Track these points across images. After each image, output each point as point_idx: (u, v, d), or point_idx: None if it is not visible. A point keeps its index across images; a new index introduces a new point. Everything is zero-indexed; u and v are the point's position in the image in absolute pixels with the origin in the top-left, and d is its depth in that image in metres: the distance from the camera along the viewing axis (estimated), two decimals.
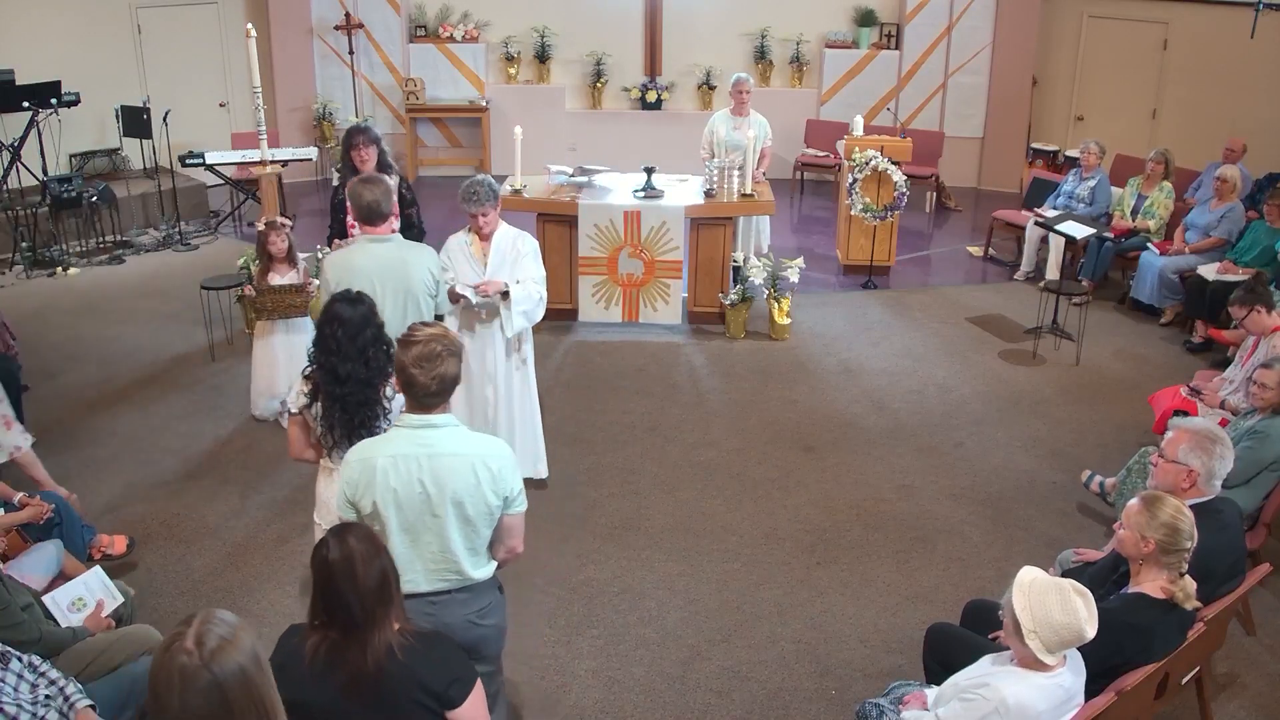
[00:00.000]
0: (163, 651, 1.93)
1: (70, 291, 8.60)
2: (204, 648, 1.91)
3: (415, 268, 4.59)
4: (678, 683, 4.34)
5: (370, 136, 5.88)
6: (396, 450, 3.03)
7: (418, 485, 3.01)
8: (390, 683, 2.45)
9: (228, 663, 1.92)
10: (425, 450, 3.02)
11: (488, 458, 3.07)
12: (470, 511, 3.05)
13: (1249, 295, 5.67)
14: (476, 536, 3.12)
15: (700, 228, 7.78)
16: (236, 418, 6.50)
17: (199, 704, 1.89)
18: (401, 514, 3.03)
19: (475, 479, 3.03)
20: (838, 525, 5.49)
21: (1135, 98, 11.07)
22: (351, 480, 3.06)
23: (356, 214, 4.64)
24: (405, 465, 3.00)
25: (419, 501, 3.02)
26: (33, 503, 4.55)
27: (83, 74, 9.77)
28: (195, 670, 1.89)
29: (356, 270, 4.47)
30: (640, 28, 11.81)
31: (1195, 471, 3.79)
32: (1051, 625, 2.93)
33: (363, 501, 3.04)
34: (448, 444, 3.04)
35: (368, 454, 3.06)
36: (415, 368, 2.96)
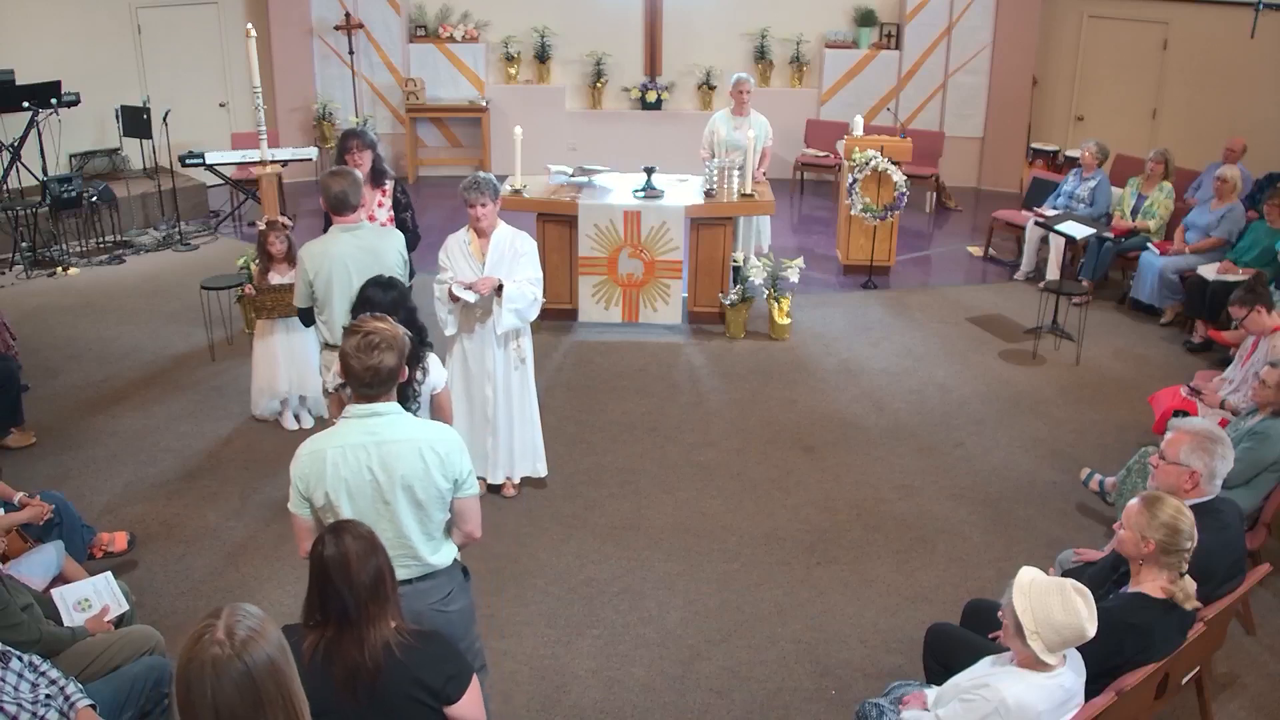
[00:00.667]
0: (193, 644, 1.95)
1: (70, 291, 8.60)
2: (235, 639, 1.95)
3: (386, 252, 4.76)
4: (678, 683, 4.34)
5: (365, 141, 5.81)
6: (345, 440, 3.05)
7: (367, 473, 3.04)
8: (388, 679, 2.47)
9: (258, 653, 1.96)
10: (373, 438, 3.05)
11: (434, 442, 3.10)
12: (420, 495, 3.08)
13: (1249, 295, 5.67)
14: (429, 521, 3.15)
15: (700, 228, 7.79)
16: (236, 418, 6.50)
17: (231, 694, 1.93)
18: (354, 503, 3.04)
19: (423, 463, 3.06)
20: (838, 525, 5.49)
21: (1135, 98, 11.07)
22: (303, 474, 3.08)
23: (327, 205, 4.78)
24: (354, 454, 3.03)
25: (370, 489, 3.05)
26: (33, 503, 4.55)
27: (83, 74, 9.77)
28: (227, 661, 1.93)
29: (332, 258, 4.65)
30: (640, 28, 11.81)
31: (1197, 473, 3.78)
32: (1053, 625, 2.93)
33: (315, 494, 3.06)
34: (394, 430, 3.07)
35: (317, 446, 3.08)
36: (352, 357, 3.01)
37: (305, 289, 4.74)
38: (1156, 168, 8.54)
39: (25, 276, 8.86)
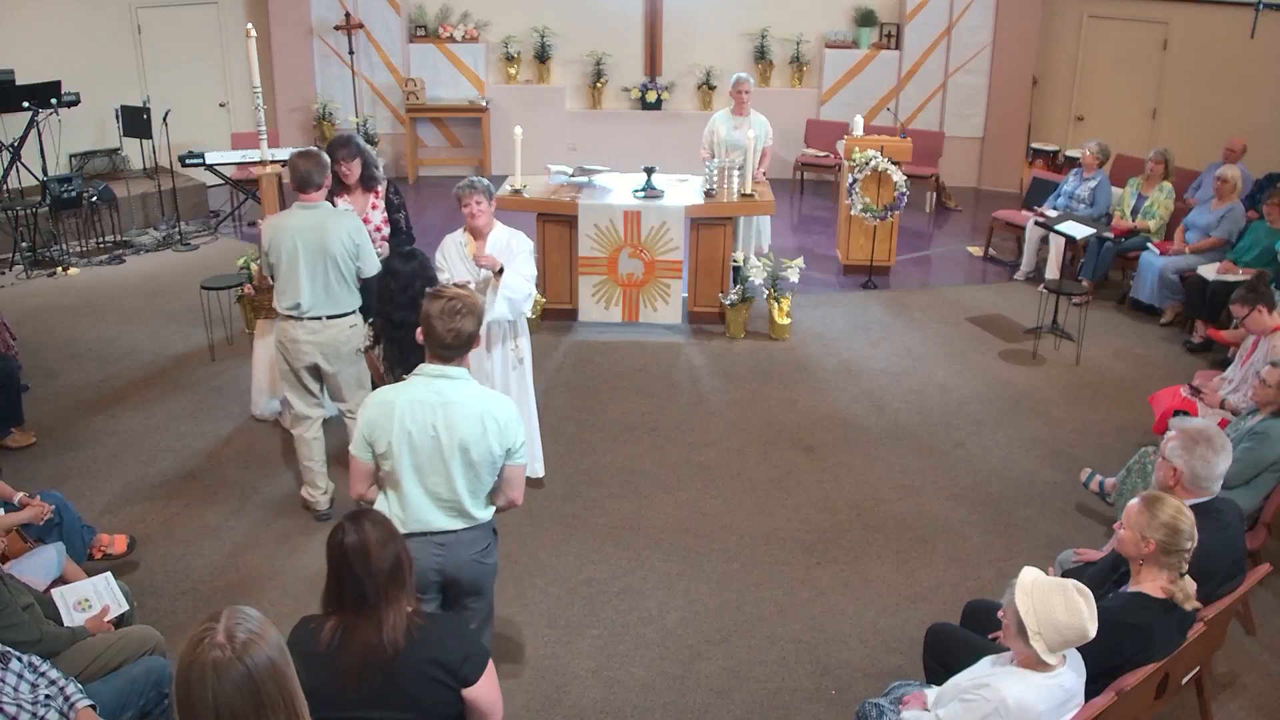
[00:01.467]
0: (193, 647, 1.97)
1: (70, 291, 8.60)
2: (235, 641, 1.97)
3: (333, 232, 4.98)
4: (678, 683, 4.34)
5: (352, 150, 5.78)
6: (414, 395, 3.29)
7: (430, 429, 3.27)
8: (405, 660, 2.52)
9: (258, 655, 1.98)
10: (439, 398, 3.28)
11: (495, 410, 3.34)
12: (475, 457, 3.31)
13: (1251, 294, 5.67)
14: (479, 482, 3.39)
15: (700, 228, 7.78)
16: (236, 418, 6.50)
17: (232, 696, 1.95)
18: (414, 456, 3.29)
19: (482, 428, 3.29)
20: (838, 525, 5.49)
21: (1135, 98, 11.07)
22: (370, 420, 3.31)
23: (293, 182, 5.05)
24: (421, 410, 3.27)
25: (430, 445, 3.28)
26: (33, 503, 4.55)
27: (83, 74, 9.77)
28: (228, 663, 1.95)
29: (285, 230, 4.98)
30: (640, 28, 11.81)
31: (1180, 470, 3.81)
32: (1056, 626, 2.94)
33: (378, 441, 3.30)
34: (460, 394, 3.30)
35: (388, 397, 3.33)
36: (437, 319, 3.24)
37: (266, 258, 5.10)
38: (1156, 168, 8.54)
39: (25, 276, 8.86)
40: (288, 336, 5.14)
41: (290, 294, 5.05)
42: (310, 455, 5.39)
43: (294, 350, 5.15)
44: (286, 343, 5.16)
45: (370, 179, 5.90)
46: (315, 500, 5.45)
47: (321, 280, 5.01)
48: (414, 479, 3.33)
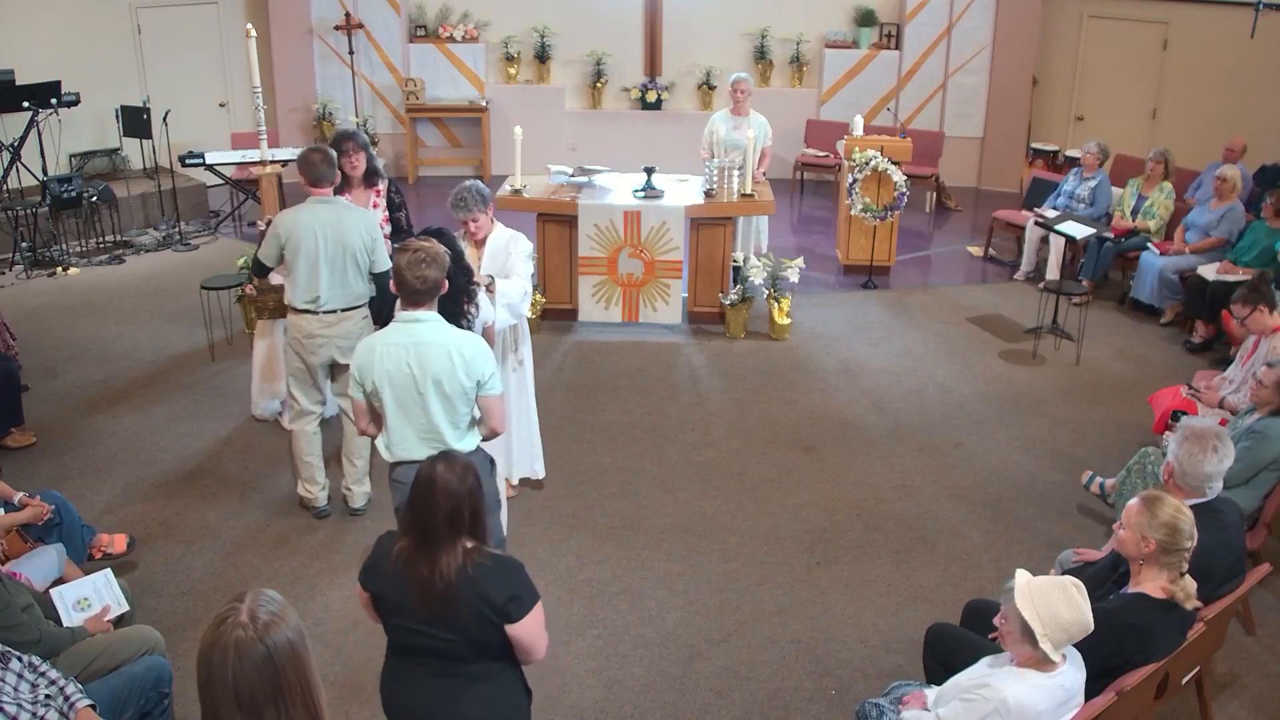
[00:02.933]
0: (215, 626, 2.02)
1: (70, 291, 8.60)
2: (257, 622, 2.03)
3: (351, 226, 5.10)
4: (678, 683, 4.34)
5: (358, 143, 5.88)
6: (391, 339, 3.73)
7: (405, 367, 3.69)
8: (458, 591, 2.76)
9: (278, 637, 2.03)
10: (411, 339, 3.70)
11: (461, 346, 3.73)
12: (448, 390, 3.70)
13: (1252, 294, 5.67)
14: (455, 413, 3.77)
15: (700, 228, 7.79)
16: (236, 418, 6.50)
17: (251, 675, 2.00)
18: (394, 390, 3.72)
19: (451, 363, 3.69)
20: (838, 525, 5.49)
21: (1135, 98, 11.07)
22: (359, 364, 3.77)
23: (306, 177, 5.11)
24: (396, 351, 3.70)
25: (406, 381, 3.70)
26: (33, 503, 4.55)
27: (83, 74, 9.78)
28: (249, 643, 2.00)
29: (303, 225, 5.02)
30: (640, 28, 11.81)
31: (1171, 465, 3.86)
32: (1061, 624, 2.95)
33: (365, 379, 3.75)
34: (429, 334, 3.72)
35: (370, 342, 3.77)
36: (406, 269, 3.67)
37: (275, 250, 5.10)
38: (1156, 168, 8.54)
39: (25, 276, 8.87)
40: (303, 332, 5.15)
41: (309, 288, 5.07)
42: (310, 450, 5.40)
43: (310, 345, 5.16)
44: (302, 338, 5.16)
45: (373, 173, 5.96)
46: (314, 497, 5.46)
47: (340, 274, 5.09)
48: (398, 413, 3.75)
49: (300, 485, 5.50)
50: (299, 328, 5.16)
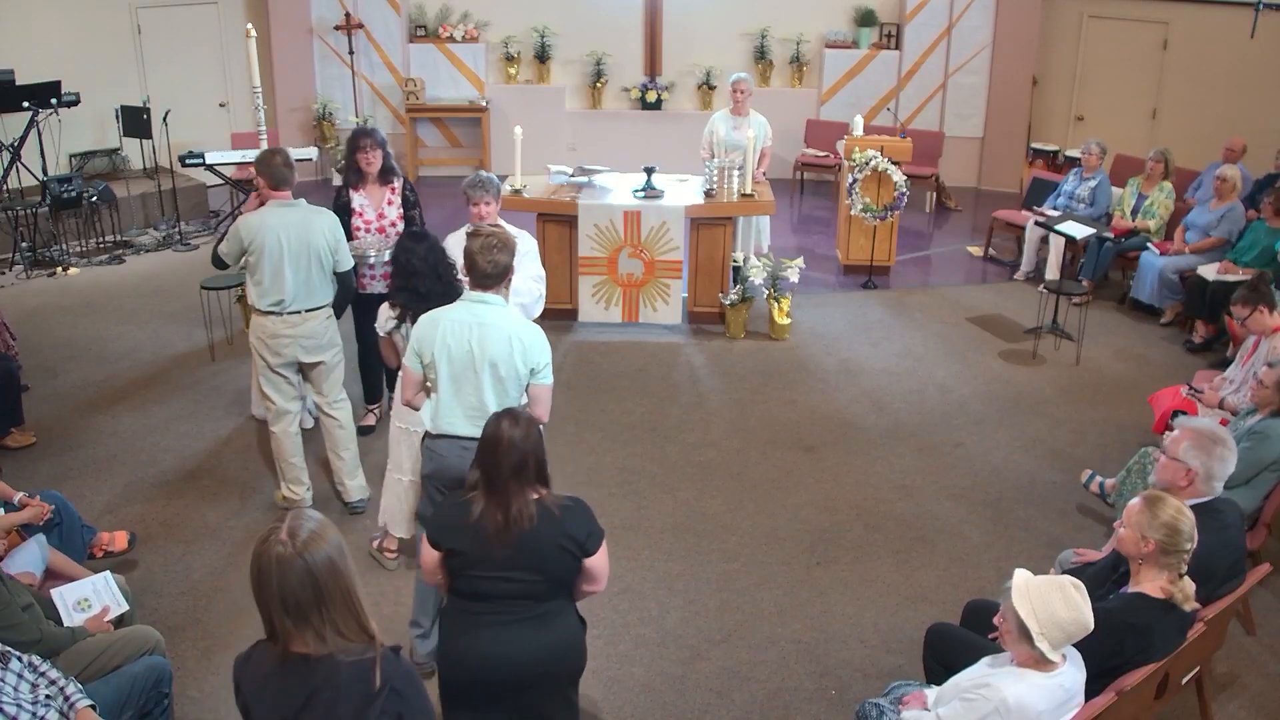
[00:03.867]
0: (261, 544, 2.28)
1: (70, 291, 8.60)
2: (297, 539, 2.27)
3: (315, 228, 5.12)
4: (678, 683, 4.34)
5: (376, 140, 5.90)
6: (456, 316, 3.87)
7: (466, 345, 3.82)
8: (541, 533, 3.06)
9: (318, 552, 2.27)
10: (476, 319, 3.83)
11: (522, 333, 3.86)
12: (503, 373, 3.84)
13: (1252, 294, 5.67)
14: (506, 395, 3.87)
15: (700, 228, 7.78)
16: (236, 418, 6.50)
17: (294, 587, 2.25)
18: (451, 366, 3.85)
19: (510, 348, 3.82)
20: (838, 525, 5.49)
21: (1135, 98, 11.07)
22: (419, 335, 3.90)
23: (268, 181, 5.12)
24: (460, 328, 3.83)
25: (465, 358, 3.83)
26: (33, 503, 4.55)
27: (83, 74, 9.77)
28: (290, 559, 2.24)
29: (266, 228, 5.02)
30: (640, 28, 11.81)
31: (1194, 471, 3.79)
32: (1058, 623, 2.94)
33: (424, 351, 3.87)
34: (494, 317, 3.84)
35: (436, 316, 3.91)
36: (479, 254, 3.82)
37: (237, 251, 5.12)
38: (1156, 167, 8.54)
39: (25, 276, 8.86)
40: (268, 333, 5.18)
41: (274, 291, 5.09)
42: (293, 452, 5.41)
43: (275, 346, 5.19)
44: (267, 339, 5.19)
45: (389, 170, 5.97)
46: (300, 498, 5.46)
47: (304, 275, 5.11)
48: (450, 388, 3.87)
49: (284, 488, 5.49)
50: (263, 329, 5.18)
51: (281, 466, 5.47)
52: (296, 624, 2.28)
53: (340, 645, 2.31)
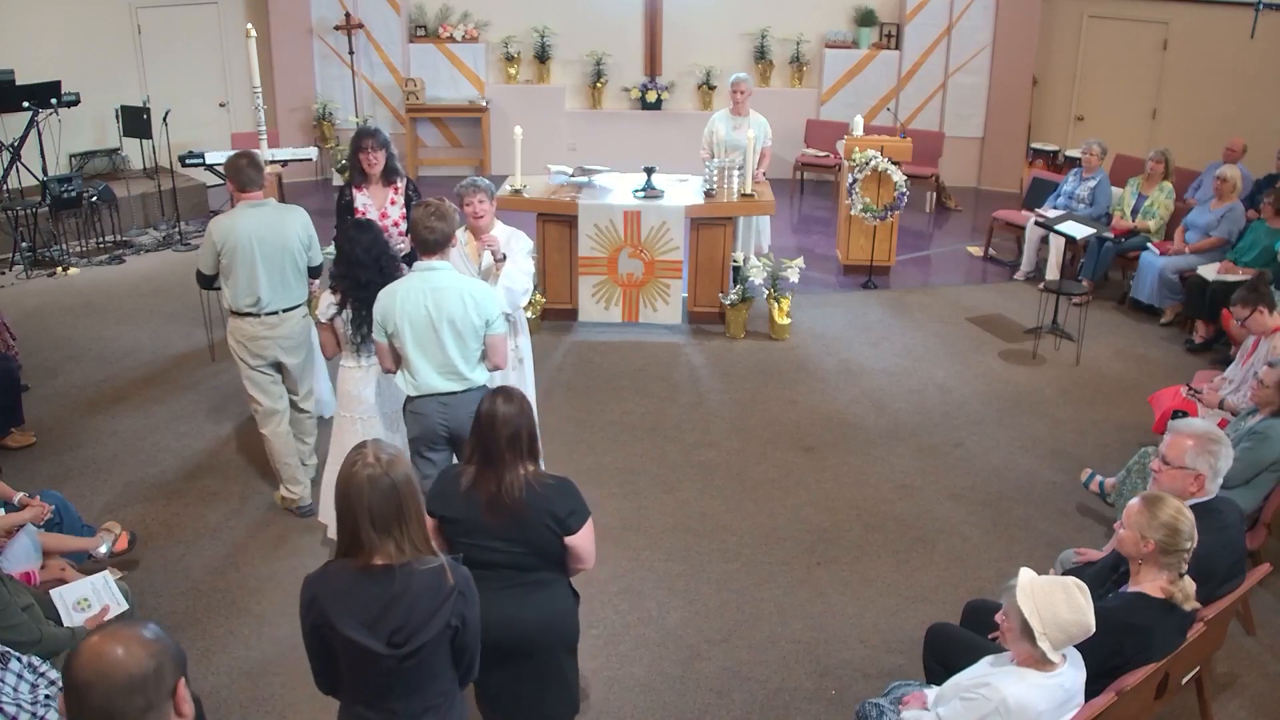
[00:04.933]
0: (349, 466, 2.61)
1: (70, 291, 8.60)
2: (382, 461, 2.61)
3: (289, 226, 5.19)
4: (678, 683, 4.34)
5: (379, 140, 5.88)
6: (410, 286, 4.26)
7: (423, 310, 4.19)
8: (527, 506, 3.22)
9: (399, 472, 2.61)
10: (428, 284, 4.22)
11: (472, 290, 4.29)
12: (460, 328, 4.22)
13: (1252, 295, 5.67)
14: (467, 348, 4.28)
15: (700, 228, 7.78)
16: (236, 418, 6.50)
17: (381, 501, 2.57)
18: (414, 331, 4.22)
19: (463, 305, 4.22)
20: (838, 525, 5.49)
21: (1135, 98, 11.07)
22: (381, 309, 4.27)
23: (235, 184, 5.18)
24: (415, 295, 4.21)
25: (424, 321, 4.20)
26: (33, 503, 4.55)
27: (83, 74, 9.77)
28: (379, 477, 2.58)
29: (238, 231, 5.06)
30: (640, 28, 11.81)
31: (1203, 475, 3.78)
32: (1060, 623, 2.94)
33: (387, 322, 4.26)
34: (443, 280, 4.25)
35: (392, 290, 4.28)
36: (419, 223, 4.25)
37: (213, 258, 5.12)
38: (1157, 167, 8.53)
39: (25, 276, 8.86)
40: (247, 335, 5.20)
41: (248, 291, 5.11)
42: (287, 452, 5.42)
43: (255, 348, 5.22)
44: (246, 341, 5.21)
45: (392, 170, 5.98)
46: (298, 497, 5.47)
47: (279, 275, 5.14)
48: (417, 352, 4.24)
49: (282, 488, 5.49)
50: (241, 331, 5.20)
51: (278, 468, 5.47)
52: (381, 536, 2.59)
53: (414, 555, 2.62)
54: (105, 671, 1.76)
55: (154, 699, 1.79)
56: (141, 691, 1.78)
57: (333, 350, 4.88)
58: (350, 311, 4.72)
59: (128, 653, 1.80)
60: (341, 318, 4.75)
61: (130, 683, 1.78)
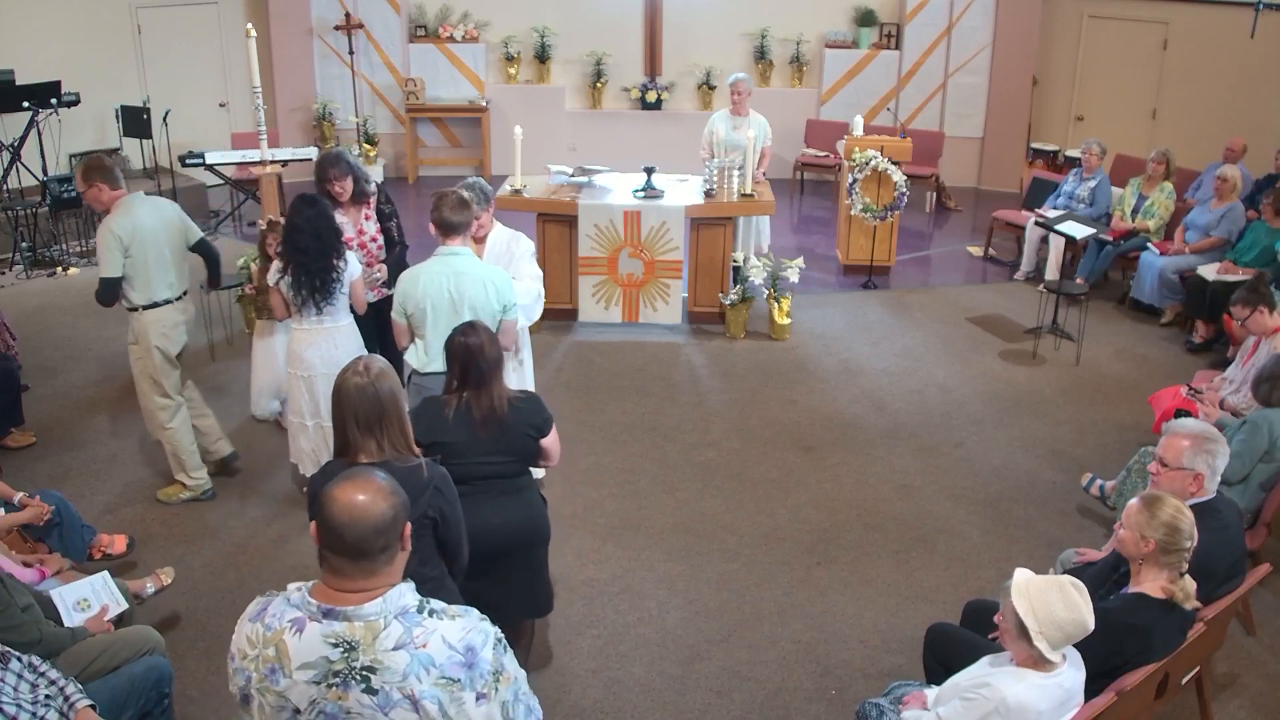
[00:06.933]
0: (342, 374, 3.02)
1: (70, 291, 8.60)
2: (370, 373, 3.00)
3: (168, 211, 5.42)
4: (678, 683, 4.34)
5: (343, 169, 5.56)
6: (433, 270, 4.48)
7: (446, 293, 4.45)
8: (509, 420, 3.73)
9: (384, 384, 3.01)
10: (451, 269, 4.47)
11: (493, 276, 4.55)
12: (480, 312, 4.39)
13: (1252, 295, 5.67)
14: None
15: (700, 228, 7.78)
16: (236, 418, 6.50)
17: (365, 406, 2.97)
18: (435, 314, 4.46)
19: (485, 290, 4.47)
20: (838, 525, 5.49)
21: (1135, 98, 11.07)
22: (403, 291, 4.51)
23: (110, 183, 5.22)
24: (439, 279, 4.45)
25: (446, 304, 4.45)
26: (33, 503, 4.55)
27: (83, 74, 9.78)
28: (365, 385, 2.98)
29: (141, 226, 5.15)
30: (640, 28, 11.81)
31: (1202, 475, 3.78)
32: (1056, 623, 2.94)
33: (408, 304, 4.51)
34: (466, 265, 4.50)
35: (414, 273, 4.52)
36: (445, 209, 4.50)
37: (119, 260, 5.13)
38: (1158, 168, 8.53)
39: (25, 276, 8.87)
40: (169, 324, 5.29)
41: (164, 280, 5.26)
42: (191, 439, 5.53)
43: (175, 335, 5.33)
44: (169, 331, 5.29)
45: (360, 194, 5.71)
46: (204, 482, 5.59)
47: (179, 257, 5.38)
48: (435, 332, 4.42)
49: (185, 478, 5.55)
50: (163, 322, 5.27)
51: (182, 458, 5.52)
52: (364, 435, 2.99)
53: (393, 455, 3.02)
54: (358, 517, 2.15)
55: (390, 540, 2.20)
56: (384, 534, 2.18)
57: (283, 313, 5.17)
58: (290, 276, 5.02)
59: (374, 500, 2.18)
60: (285, 282, 5.04)
61: (377, 526, 2.16)
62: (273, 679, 2.16)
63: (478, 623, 2.24)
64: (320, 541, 2.19)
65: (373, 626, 2.14)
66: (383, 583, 2.18)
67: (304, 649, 2.14)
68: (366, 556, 2.15)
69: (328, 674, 2.13)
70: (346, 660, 2.13)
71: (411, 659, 2.13)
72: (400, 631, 2.14)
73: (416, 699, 2.11)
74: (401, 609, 2.16)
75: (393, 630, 2.14)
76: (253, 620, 2.23)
